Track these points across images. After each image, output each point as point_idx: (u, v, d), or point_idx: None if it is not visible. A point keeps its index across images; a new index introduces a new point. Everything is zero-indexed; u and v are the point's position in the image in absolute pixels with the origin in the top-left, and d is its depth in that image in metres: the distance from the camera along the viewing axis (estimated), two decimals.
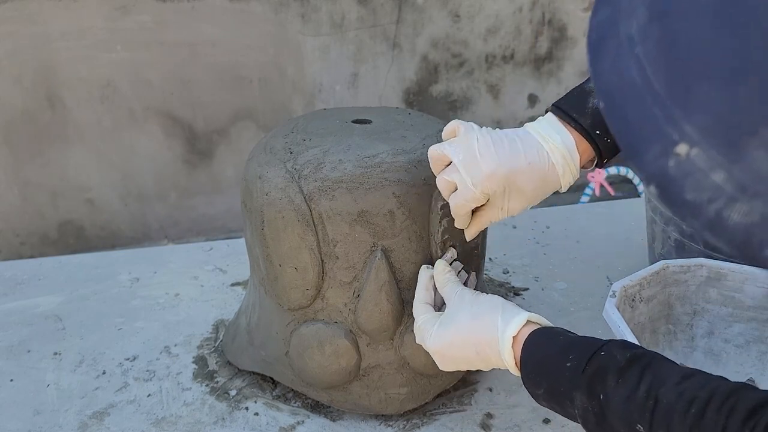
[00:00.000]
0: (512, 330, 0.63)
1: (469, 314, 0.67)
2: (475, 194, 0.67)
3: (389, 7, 2.36)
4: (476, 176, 0.66)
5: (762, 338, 0.84)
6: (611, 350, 0.56)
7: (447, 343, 0.67)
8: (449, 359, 0.69)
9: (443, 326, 0.68)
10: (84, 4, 2.05)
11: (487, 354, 0.65)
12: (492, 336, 0.64)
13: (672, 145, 0.30)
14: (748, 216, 0.28)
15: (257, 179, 0.77)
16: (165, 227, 2.36)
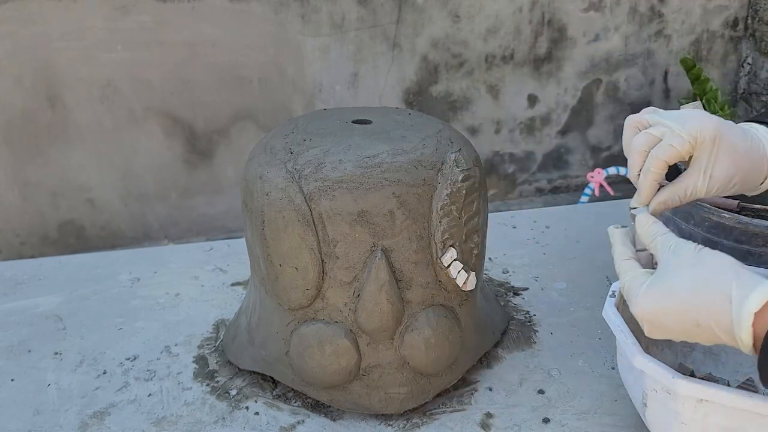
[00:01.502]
0: (753, 305, 0.50)
1: (691, 277, 0.54)
2: (682, 138, 0.58)
3: (389, 7, 2.36)
4: (685, 122, 0.59)
5: None
6: None
7: (660, 309, 0.56)
8: (661, 328, 0.57)
9: (655, 287, 0.57)
10: (84, 4, 2.05)
11: (713, 330, 0.53)
12: (722, 310, 0.52)
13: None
14: None
15: (257, 179, 0.77)
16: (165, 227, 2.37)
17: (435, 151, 0.79)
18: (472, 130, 2.71)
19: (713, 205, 0.86)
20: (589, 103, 2.81)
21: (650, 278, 0.58)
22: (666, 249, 0.59)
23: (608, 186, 2.67)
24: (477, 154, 0.84)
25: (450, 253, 0.77)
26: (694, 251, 0.57)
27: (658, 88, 2.92)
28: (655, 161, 0.60)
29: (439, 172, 0.77)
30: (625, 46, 2.75)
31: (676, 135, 0.59)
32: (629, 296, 0.60)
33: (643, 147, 0.61)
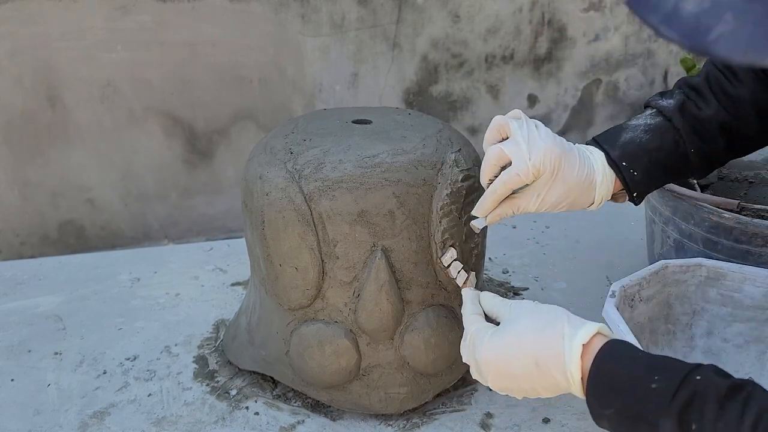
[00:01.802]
0: (582, 338, 0.57)
1: (531, 322, 0.60)
2: (528, 169, 0.66)
3: (389, 7, 2.36)
4: (534, 150, 0.67)
5: (761, 338, 0.84)
6: (707, 376, 0.50)
7: (504, 353, 0.60)
8: (503, 374, 0.61)
9: (499, 335, 0.62)
10: (84, 4, 2.05)
11: (549, 368, 0.58)
12: (557, 345, 0.57)
13: None
14: (700, 4, 0.30)
15: (258, 179, 0.77)
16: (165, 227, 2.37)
17: (435, 151, 0.79)
18: (472, 130, 2.71)
19: (713, 205, 0.86)
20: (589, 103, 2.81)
21: (495, 329, 0.64)
22: (506, 307, 0.65)
23: None
24: (477, 154, 0.84)
25: (450, 253, 0.77)
26: (532, 304, 0.64)
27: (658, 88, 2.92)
28: (502, 187, 0.68)
29: (439, 172, 0.77)
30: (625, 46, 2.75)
31: (524, 163, 0.67)
32: (475, 345, 0.64)
33: (494, 161, 0.69)
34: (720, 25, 0.30)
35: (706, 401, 0.49)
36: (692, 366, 0.52)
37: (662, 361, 0.54)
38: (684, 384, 0.50)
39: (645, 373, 0.53)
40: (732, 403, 0.48)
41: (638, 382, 0.52)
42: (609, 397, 0.54)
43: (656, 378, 0.51)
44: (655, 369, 0.53)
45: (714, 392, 0.49)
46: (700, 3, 0.30)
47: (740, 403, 0.48)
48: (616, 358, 0.55)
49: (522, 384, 0.61)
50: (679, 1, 0.31)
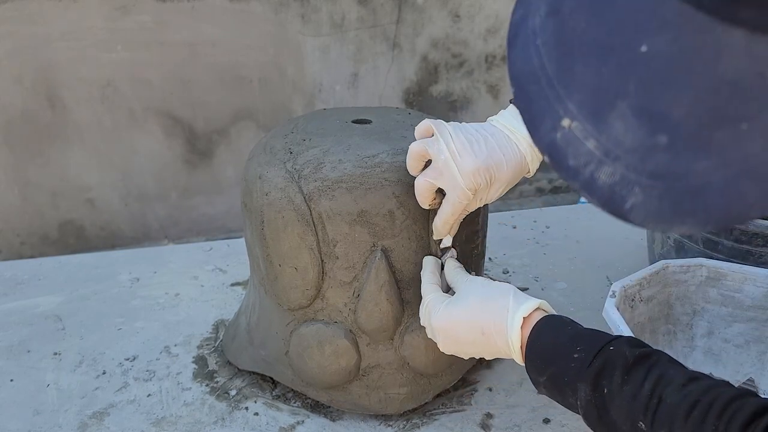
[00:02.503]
0: (523, 312, 0.63)
1: (480, 295, 0.67)
2: (465, 192, 0.68)
3: (389, 7, 2.36)
4: (463, 176, 0.68)
5: (761, 338, 0.84)
6: (620, 346, 0.56)
7: (454, 321, 0.67)
8: (452, 339, 0.68)
9: (452, 305, 0.68)
10: (84, 4, 2.05)
11: (493, 336, 0.64)
12: (501, 317, 0.64)
13: (558, 119, 0.34)
14: (612, 176, 0.33)
15: (257, 179, 0.77)
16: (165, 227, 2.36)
17: None
18: None
19: None
20: None
21: (450, 298, 0.70)
22: (463, 280, 0.71)
23: None
24: None
25: (450, 252, 0.77)
26: (484, 280, 0.70)
27: None
28: (451, 216, 0.71)
29: None
30: None
31: (459, 190, 0.68)
32: (430, 312, 0.70)
33: (426, 193, 0.71)
34: (632, 197, 0.33)
35: (616, 368, 0.55)
36: (610, 338, 0.58)
37: (586, 333, 0.60)
38: (600, 353, 0.56)
39: (570, 343, 0.59)
40: (637, 369, 0.54)
41: (564, 352, 0.59)
42: (542, 365, 0.61)
43: (578, 348, 0.58)
44: (578, 340, 0.59)
45: (623, 360, 0.55)
46: (611, 175, 0.33)
47: (644, 369, 0.54)
48: (548, 330, 0.62)
49: (468, 349, 0.68)
50: (594, 171, 0.33)
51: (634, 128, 0.32)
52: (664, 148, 0.31)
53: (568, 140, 0.34)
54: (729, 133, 0.29)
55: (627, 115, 0.32)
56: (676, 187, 0.31)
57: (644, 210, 0.32)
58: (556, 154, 0.35)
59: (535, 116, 0.36)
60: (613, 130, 0.32)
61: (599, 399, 0.55)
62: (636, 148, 0.32)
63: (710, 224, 0.32)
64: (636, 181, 0.32)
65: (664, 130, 0.31)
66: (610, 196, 0.33)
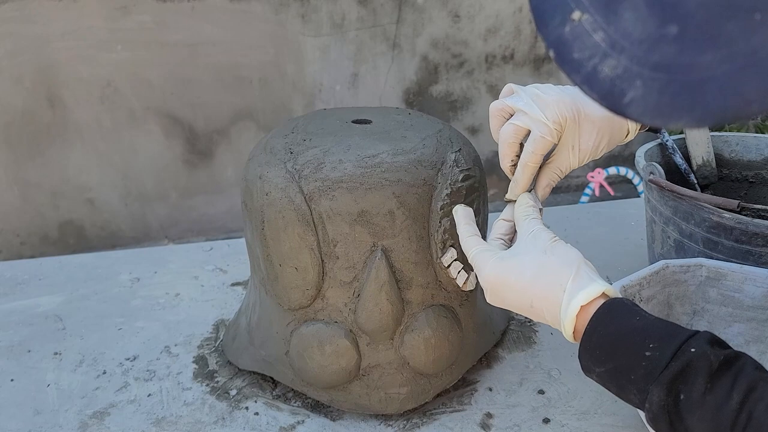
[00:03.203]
0: (583, 299, 0.57)
1: (538, 261, 0.60)
2: (549, 127, 0.64)
3: (389, 7, 2.36)
4: (546, 109, 0.64)
5: (761, 338, 0.84)
6: (701, 347, 0.51)
7: (504, 282, 0.61)
8: (500, 298, 0.63)
9: (505, 260, 0.62)
10: (84, 4, 2.05)
11: (543, 313, 0.59)
12: (555, 298, 0.58)
13: (569, 12, 0.34)
14: (614, 69, 0.33)
15: (257, 179, 0.77)
16: (165, 227, 2.36)
17: (435, 151, 0.79)
18: (472, 130, 2.71)
19: (713, 205, 0.86)
20: None
21: (503, 252, 0.64)
22: (527, 232, 0.64)
23: (608, 186, 2.67)
24: (477, 154, 0.84)
25: (450, 253, 0.77)
26: (549, 241, 0.62)
27: None
28: (532, 156, 0.65)
29: (439, 172, 0.77)
30: None
31: (542, 125, 0.64)
32: (479, 265, 0.65)
33: (511, 139, 0.66)
34: (632, 91, 0.32)
35: (698, 373, 0.49)
36: (688, 334, 0.52)
37: (658, 326, 0.54)
38: (678, 354, 0.51)
39: (638, 338, 0.53)
40: (722, 377, 0.49)
41: (631, 346, 0.53)
42: (602, 356, 0.55)
43: (651, 346, 0.52)
44: (649, 336, 0.53)
45: (706, 365, 0.49)
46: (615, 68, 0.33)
47: (731, 378, 0.48)
48: (612, 319, 0.56)
49: (515, 309, 0.63)
50: (597, 64, 0.33)
51: (645, 18, 0.32)
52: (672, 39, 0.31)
53: (576, 34, 0.34)
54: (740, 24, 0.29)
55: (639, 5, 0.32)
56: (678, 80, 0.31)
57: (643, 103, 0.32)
58: (562, 47, 0.35)
59: (546, 11, 0.36)
60: (623, 21, 0.32)
61: (673, 406, 0.50)
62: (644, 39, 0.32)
63: (707, 120, 0.31)
64: (638, 74, 0.32)
65: (675, 20, 0.31)
66: (610, 89, 0.33)
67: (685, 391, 0.49)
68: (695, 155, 1.06)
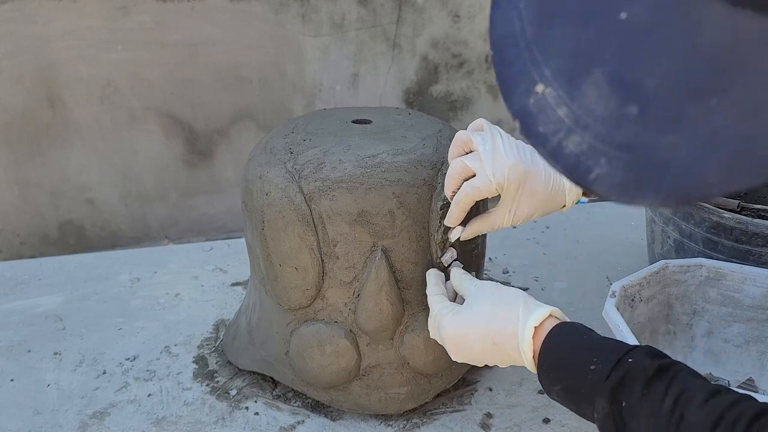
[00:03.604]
0: (534, 321, 0.61)
1: (490, 303, 0.65)
2: (491, 183, 0.67)
3: (389, 7, 2.36)
4: (497, 167, 0.67)
5: (761, 338, 0.84)
6: (638, 358, 0.55)
7: (463, 331, 0.66)
8: (463, 349, 0.67)
9: (461, 314, 0.67)
10: (84, 4, 2.05)
11: (505, 346, 0.63)
12: (512, 326, 0.62)
13: (533, 84, 0.34)
14: (579, 145, 0.33)
15: (257, 179, 0.77)
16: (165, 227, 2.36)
17: (435, 151, 0.79)
18: None
19: (713, 205, 0.86)
20: None
21: (458, 307, 0.68)
22: (471, 286, 0.69)
23: None
24: None
25: (450, 253, 0.77)
26: (493, 286, 0.68)
27: None
28: (465, 198, 0.70)
29: (439, 172, 0.77)
30: None
31: (487, 180, 0.68)
32: (439, 322, 0.69)
33: (457, 174, 0.70)
34: (597, 168, 0.32)
35: (635, 381, 0.53)
36: (628, 348, 0.57)
37: (603, 343, 0.59)
38: (618, 365, 0.55)
39: (586, 354, 0.57)
40: (657, 383, 0.52)
41: (579, 362, 0.57)
42: (556, 375, 0.59)
43: (595, 360, 0.56)
44: (594, 351, 0.57)
45: (642, 373, 0.53)
46: (579, 144, 0.33)
47: (665, 383, 0.52)
48: (562, 339, 0.60)
49: (480, 358, 0.67)
50: (562, 139, 0.33)
51: (607, 97, 0.31)
52: (634, 119, 0.31)
53: (540, 106, 0.34)
54: (699, 108, 0.29)
55: (601, 83, 0.32)
56: (641, 159, 0.31)
57: (608, 181, 0.32)
58: (527, 119, 0.34)
59: (510, 80, 0.36)
60: (585, 97, 0.32)
61: (617, 413, 0.53)
62: (606, 117, 0.32)
63: (671, 200, 0.31)
64: (603, 152, 0.32)
65: (636, 101, 0.31)
66: (575, 165, 0.33)
67: (626, 398, 0.53)
68: None
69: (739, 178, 0.29)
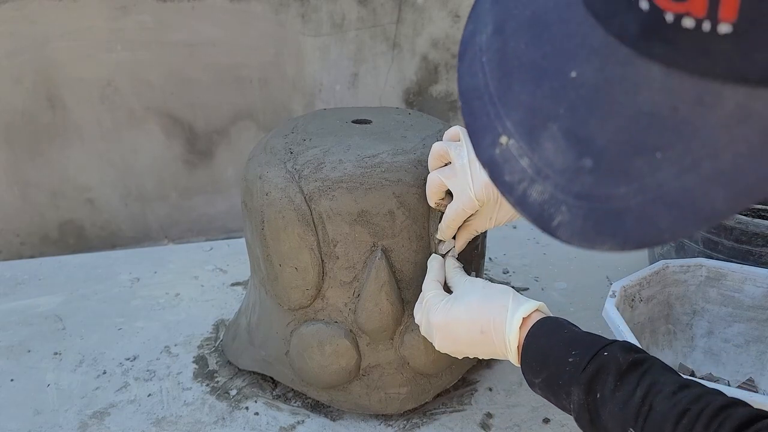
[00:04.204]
0: (523, 312, 0.64)
1: (480, 295, 0.67)
2: (473, 200, 0.69)
3: (389, 7, 2.36)
4: (476, 182, 0.69)
5: (761, 338, 0.84)
6: (614, 352, 0.57)
7: (453, 318, 0.67)
8: (451, 338, 0.68)
9: (451, 302, 0.69)
10: (84, 4, 2.05)
11: (491, 336, 0.65)
12: (500, 317, 0.64)
13: (498, 136, 0.36)
14: (542, 194, 0.34)
15: (257, 179, 0.77)
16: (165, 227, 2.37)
17: None
18: None
19: None
20: None
21: (448, 297, 0.70)
22: (462, 281, 0.72)
23: None
24: None
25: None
26: (484, 281, 0.70)
27: None
28: (452, 222, 0.72)
29: None
30: None
31: (465, 195, 0.69)
32: (429, 308, 0.70)
33: (435, 189, 0.72)
34: (559, 216, 0.34)
35: (609, 373, 0.55)
36: (605, 342, 0.59)
37: (582, 337, 0.61)
38: (594, 358, 0.57)
39: (565, 347, 0.60)
40: (629, 376, 0.55)
41: (559, 355, 0.59)
42: (537, 367, 0.61)
43: (573, 353, 0.59)
44: (573, 345, 0.60)
45: (616, 366, 0.55)
46: (542, 193, 0.34)
47: (637, 376, 0.54)
48: (544, 333, 0.62)
49: (465, 348, 0.68)
50: (527, 188, 0.35)
51: (564, 150, 0.33)
52: (589, 171, 0.32)
53: (505, 157, 0.35)
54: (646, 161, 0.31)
55: (557, 137, 0.33)
56: (598, 209, 0.32)
57: (570, 228, 0.34)
58: (494, 169, 0.36)
59: (477, 131, 0.37)
60: (544, 150, 0.34)
61: (592, 404, 0.56)
62: (564, 169, 0.33)
63: (627, 246, 0.33)
64: (563, 201, 0.34)
65: (590, 154, 0.32)
66: (539, 213, 0.34)
67: (600, 390, 0.55)
68: None
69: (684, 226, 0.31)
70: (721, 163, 0.29)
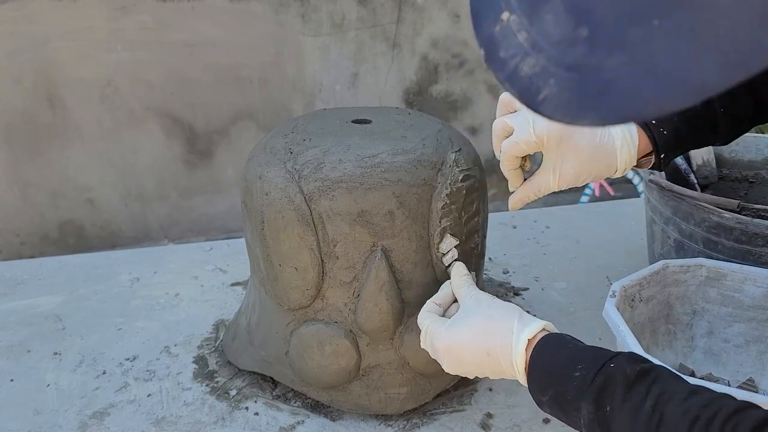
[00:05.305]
0: (528, 333, 0.63)
1: (485, 316, 0.66)
2: (531, 136, 0.67)
3: (389, 7, 2.36)
4: (538, 120, 0.67)
5: (761, 338, 0.84)
6: (620, 363, 0.56)
7: (458, 341, 0.66)
8: (456, 360, 0.68)
9: (455, 325, 0.68)
10: (84, 4, 2.05)
11: (498, 357, 0.64)
12: (506, 338, 0.63)
13: (500, 12, 0.36)
14: (533, 68, 0.34)
15: (257, 179, 0.77)
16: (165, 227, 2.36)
17: (435, 151, 0.79)
18: (472, 130, 2.71)
19: (713, 205, 0.86)
20: None
21: (451, 319, 0.69)
22: (468, 297, 0.70)
23: (608, 186, 2.67)
24: (477, 154, 0.84)
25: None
26: (489, 299, 0.69)
27: None
28: (504, 156, 0.71)
29: (439, 172, 0.77)
30: None
31: (525, 132, 0.68)
32: (432, 336, 0.69)
33: (498, 132, 0.72)
34: (546, 89, 0.34)
35: (618, 385, 0.55)
36: (611, 355, 0.58)
37: (586, 351, 0.60)
38: (600, 371, 0.56)
39: (570, 363, 0.59)
40: (638, 386, 0.54)
41: (565, 371, 0.59)
42: (544, 385, 0.60)
43: (579, 367, 0.58)
44: (578, 359, 0.59)
45: (624, 378, 0.55)
46: (533, 66, 0.35)
47: (645, 386, 0.54)
48: (549, 350, 0.62)
49: (473, 369, 0.67)
50: (519, 63, 0.35)
51: (562, 21, 0.33)
52: (584, 41, 0.33)
53: (504, 33, 0.36)
54: (641, 30, 0.31)
55: (558, 9, 0.34)
56: (586, 80, 0.33)
57: (555, 101, 0.34)
58: (491, 46, 0.36)
59: (480, 11, 0.38)
60: (543, 23, 0.34)
61: (602, 417, 0.55)
62: (560, 40, 0.34)
63: (608, 119, 0.33)
64: (553, 73, 0.34)
65: (587, 24, 0.32)
66: (527, 86, 0.35)
67: (609, 402, 0.55)
68: (695, 155, 1.06)
69: (670, 100, 0.30)
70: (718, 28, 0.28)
